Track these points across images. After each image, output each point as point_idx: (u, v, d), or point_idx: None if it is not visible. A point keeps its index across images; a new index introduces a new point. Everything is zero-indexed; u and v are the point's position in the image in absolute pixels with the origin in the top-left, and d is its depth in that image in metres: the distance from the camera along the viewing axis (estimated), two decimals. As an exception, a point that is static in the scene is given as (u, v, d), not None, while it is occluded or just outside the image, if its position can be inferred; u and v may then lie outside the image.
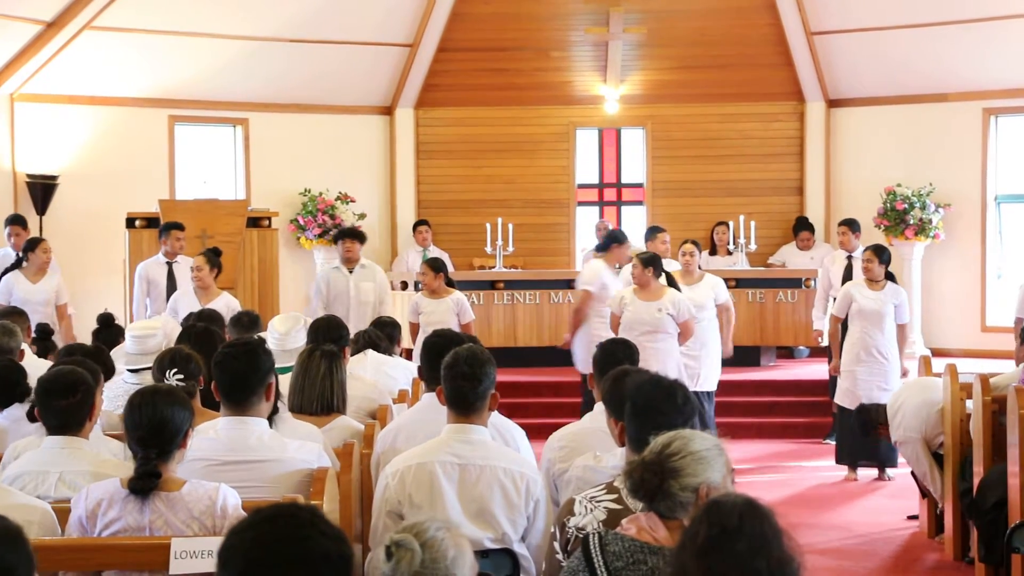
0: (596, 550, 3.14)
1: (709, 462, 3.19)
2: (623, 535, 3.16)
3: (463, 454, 4.30)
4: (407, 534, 2.59)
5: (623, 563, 3.11)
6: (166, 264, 10.68)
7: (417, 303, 10.19)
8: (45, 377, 4.41)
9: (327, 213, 14.17)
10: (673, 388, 3.88)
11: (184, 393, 4.13)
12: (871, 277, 9.55)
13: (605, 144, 15.39)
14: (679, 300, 9.64)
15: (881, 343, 9.47)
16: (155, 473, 3.75)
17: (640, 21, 14.49)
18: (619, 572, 3.10)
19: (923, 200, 13.85)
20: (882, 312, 9.42)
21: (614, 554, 3.13)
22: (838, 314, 9.70)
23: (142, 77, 13.75)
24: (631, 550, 3.12)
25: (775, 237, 14.62)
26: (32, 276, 10.37)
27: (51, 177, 13.39)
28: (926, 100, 14.27)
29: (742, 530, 2.52)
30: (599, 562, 3.12)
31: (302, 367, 5.38)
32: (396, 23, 14.30)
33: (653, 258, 9.74)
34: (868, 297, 9.46)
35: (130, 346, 6.32)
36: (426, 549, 2.56)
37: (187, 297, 9.80)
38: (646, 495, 3.19)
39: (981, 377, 6.85)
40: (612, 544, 3.14)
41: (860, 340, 9.49)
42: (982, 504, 6.56)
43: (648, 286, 9.61)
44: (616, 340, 5.69)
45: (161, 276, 10.65)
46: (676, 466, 3.16)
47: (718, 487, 3.17)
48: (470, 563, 2.63)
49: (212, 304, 9.46)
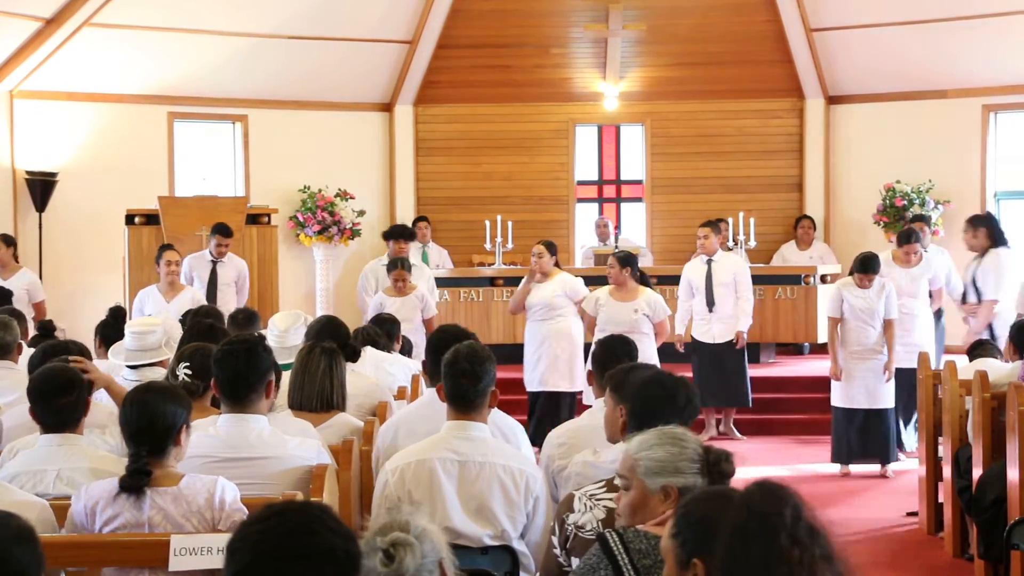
0: (619, 548, 3.07)
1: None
2: (646, 532, 3.10)
3: (463, 451, 4.30)
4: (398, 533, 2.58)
5: (651, 561, 3.02)
6: (211, 262, 10.99)
7: (381, 302, 10.10)
8: (39, 377, 4.41)
9: (326, 210, 14.16)
10: (675, 388, 3.88)
11: (181, 390, 4.13)
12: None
13: (604, 141, 15.38)
14: (655, 300, 9.69)
15: (875, 339, 9.44)
16: (145, 471, 3.76)
17: (639, 18, 14.49)
18: (648, 570, 3.02)
19: (922, 197, 13.85)
20: (873, 310, 9.42)
21: (641, 552, 3.05)
22: (833, 315, 9.65)
23: (141, 74, 13.74)
24: (657, 547, 2.98)
25: (775, 234, 14.61)
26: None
27: (50, 174, 13.38)
28: (926, 96, 14.26)
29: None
30: (624, 560, 3.05)
31: (302, 364, 5.37)
32: (395, 20, 14.29)
33: (629, 257, 9.78)
34: (857, 296, 9.45)
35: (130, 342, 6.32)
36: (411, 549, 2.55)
37: (152, 295, 9.94)
38: (719, 480, 3.19)
39: (980, 374, 6.85)
40: (635, 542, 3.07)
41: (855, 339, 9.47)
42: (981, 501, 6.56)
43: (625, 286, 9.63)
44: (615, 336, 5.69)
45: (205, 273, 10.95)
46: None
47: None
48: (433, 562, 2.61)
49: (177, 300, 9.67)
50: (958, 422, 7.24)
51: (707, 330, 10.72)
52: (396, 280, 10.15)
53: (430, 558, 2.57)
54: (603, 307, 9.65)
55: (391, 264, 10.33)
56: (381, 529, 2.60)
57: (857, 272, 9.42)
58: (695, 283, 10.80)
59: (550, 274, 10.13)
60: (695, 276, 10.83)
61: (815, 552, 2.38)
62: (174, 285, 10.02)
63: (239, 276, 11.12)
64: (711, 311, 10.68)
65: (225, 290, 10.95)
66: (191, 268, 10.94)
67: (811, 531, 2.40)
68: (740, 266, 10.97)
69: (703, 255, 10.83)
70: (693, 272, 10.87)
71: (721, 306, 10.68)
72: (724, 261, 10.85)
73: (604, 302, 9.67)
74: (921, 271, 10.16)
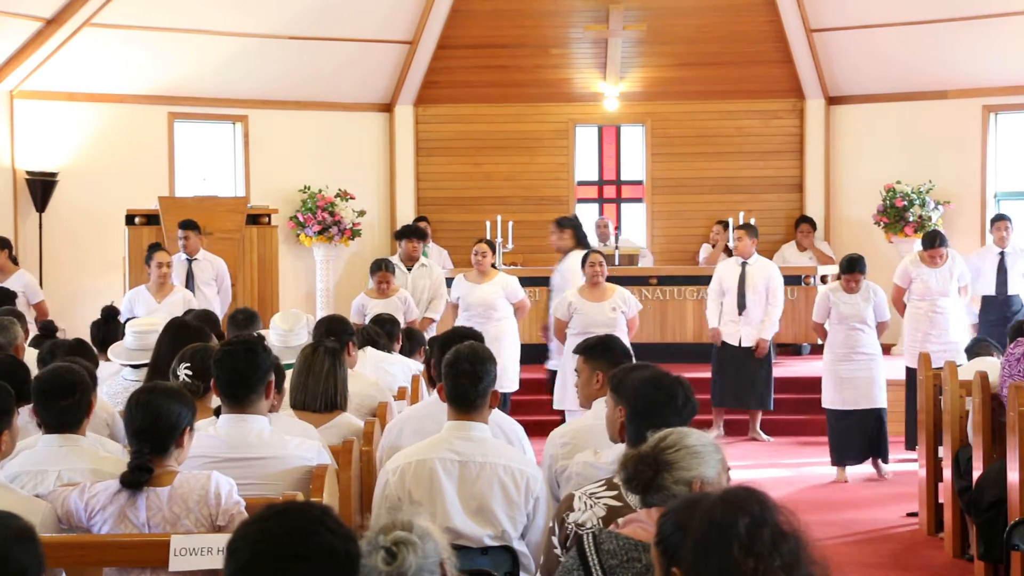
0: (591, 548, 3.15)
1: (703, 457, 3.21)
2: (617, 533, 3.17)
3: (463, 451, 4.31)
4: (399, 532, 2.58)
5: (617, 561, 3.11)
6: (186, 261, 10.86)
7: (363, 304, 10.06)
8: (42, 377, 4.39)
9: (327, 210, 14.16)
10: (674, 389, 3.88)
11: (187, 392, 4.13)
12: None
13: (605, 141, 15.39)
14: (627, 295, 9.64)
15: (865, 342, 9.45)
16: (147, 467, 3.76)
17: (640, 18, 14.49)
18: (613, 570, 3.11)
19: (923, 197, 13.84)
20: (861, 315, 9.41)
21: (608, 552, 3.13)
22: (817, 319, 9.68)
23: (142, 74, 13.75)
24: (625, 548, 3.13)
25: (775, 234, 14.62)
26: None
27: (51, 174, 13.39)
28: (926, 97, 14.26)
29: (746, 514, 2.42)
30: (594, 561, 3.13)
31: (306, 364, 5.36)
32: (396, 20, 14.29)
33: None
34: (845, 302, 9.43)
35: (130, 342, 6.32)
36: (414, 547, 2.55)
37: (142, 295, 9.92)
38: (639, 487, 3.22)
39: (980, 375, 6.85)
40: (607, 542, 3.15)
41: (844, 341, 9.47)
42: (981, 501, 6.56)
43: (600, 284, 9.57)
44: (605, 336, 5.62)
45: (181, 273, 10.80)
46: (670, 459, 3.20)
47: (712, 483, 3.18)
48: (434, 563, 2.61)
49: (167, 300, 9.66)
50: (958, 423, 7.25)
51: (734, 332, 10.72)
52: (380, 282, 10.12)
53: (432, 559, 2.57)
54: (577, 311, 9.47)
55: (374, 265, 10.30)
56: (383, 528, 2.60)
57: (843, 274, 9.44)
58: (727, 284, 10.79)
59: (488, 274, 10.19)
60: (728, 277, 10.83)
61: (774, 562, 2.35)
62: (165, 286, 9.94)
63: (217, 274, 10.95)
64: (740, 314, 10.68)
65: (204, 290, 10.74)
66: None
67: (774, 539, 2.37)
68: (774, 272, 10.90)
69: (738, 257, 10.82)
70: (726, 273, 10.87)
71: (752, 310, 10.68)
72: (759, 265, 10.83)
73: (578, 305, 9.48)
74: (949, 270, 10.19)
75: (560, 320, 9.63)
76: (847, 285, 9.41)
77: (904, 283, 10.29)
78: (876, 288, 9.54)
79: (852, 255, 9.58)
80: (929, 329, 10.10)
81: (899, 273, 10.40)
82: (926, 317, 10.14)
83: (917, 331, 10.16)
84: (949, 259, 10.24)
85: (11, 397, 4.06)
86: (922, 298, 10.20)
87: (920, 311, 10.19)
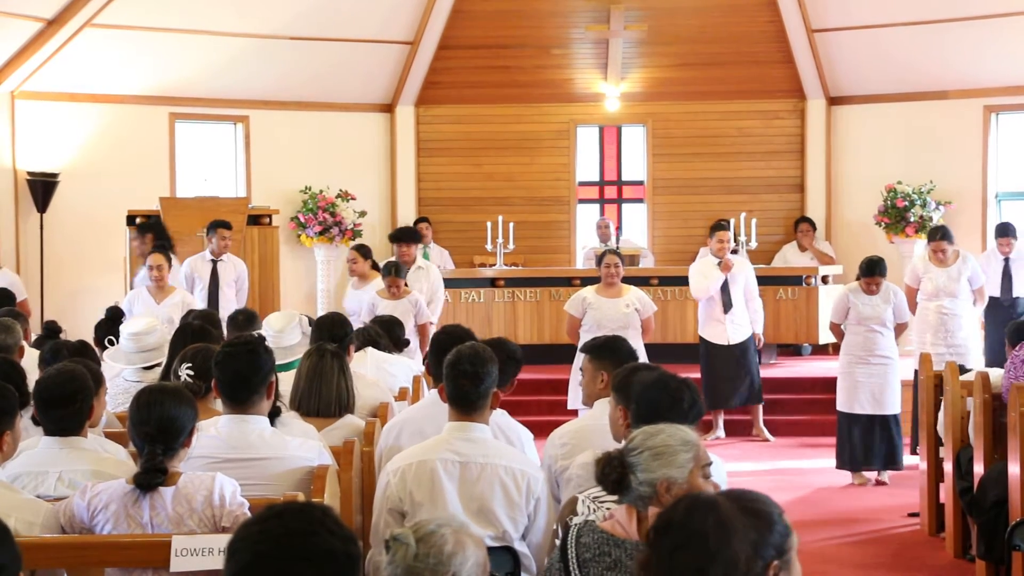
0: (572, 540, 3.25)
1: (667, 458, 3.24)
2: (596, 527, 3.26)
3: (464, 452, 4.30)
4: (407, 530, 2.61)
5: (591, 554, 3.21)
6: (211, 262, 10.99)
7: (374, 303, 9.99)
8: (44, 383, 4.34)
9: (328, 211, 14.16)
10: (680, 391, 3.88)
11: (189, 393, 4.13)
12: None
13: (606, 141, 15.38)
14: (643, 296, 9.64)
15: (883, 345, 9.33)
16: (161, 469, 3.76)
17: (640, 18, 14.49)
18: (586, 563, 3.20)
19: (924, 198, 13.84)
20: (882, 317, 9.34)
21: (584, 545, 3.23)
22: (835, 320, 9.61)
23: (143, 75, 13.75)
24: (599, 542, 3.22)
25: (776, 234, 14.62)
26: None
27: (52, 175, 13.39)
28: (927, 97, 14.25)
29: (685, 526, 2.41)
30: (572, 552, 3.23)
31: (315, 370, 5.33)
32: (397, 21, 14.30)
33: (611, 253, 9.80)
34: (865, 303, 9.36)
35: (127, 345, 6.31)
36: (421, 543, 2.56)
37: (141, 296, 9.92)
38: (607, 488, 3.32)
39: (981, 375, 6.85)
40: (585, 535, 3.25)
41: (862, 343, 9.36)
42: (982, 502, 6.56)
43: (615, 284, 9.58)
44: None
45: (206, 273, 10.96)
46: (632, 461, 3.27)
47: (680, 483, 3.19)
48: (474, 561, 2.62)
49: (167, 302, 9.63)
50: (959, 423, 7.24)
51: (721, 332, 10.72)
52: (390, 286, 10.12)
53: (474, 565, 2.60)
54: (591, 306, 9.51)
55: (385, 269, 10.30)
56: (412, 524, 2.67)
57: (863, 276, 9.32)
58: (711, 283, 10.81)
59: (367, 276, 10.26)
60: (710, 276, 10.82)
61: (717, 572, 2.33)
62: (162, 288, 9.95)
63: (238, 276, 11.11)
64: (726, 312, 10.70)
65: (226, 290, 10.94)
66: (192, 270, 10.91)
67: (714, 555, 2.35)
68: (749, 268, 11.06)
69: (715, 259, 10.80)
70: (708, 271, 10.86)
71: (737, 307, 10.74)
72: (737, 263, 10.88)
73: (593, 301, 9.51)
74: (959, 270, 10.13)
75: (574, 318, 9.63)
76: (867, 287, 9.31)
77: (915, 283, 10.25)
78: (896, 289, 9.42)
79: (872, 257, 9.39)
80: (936, 330, 10.05)
81: (909, 273, 10.41)
82: (933, 318, 10.09)
83: (924, 332, 10.12)
84: (959, 260, 10.17)
85: (15, 398, 4.06)
86: (930, 298, 10.14)
87: (927, 312, 10.14)
